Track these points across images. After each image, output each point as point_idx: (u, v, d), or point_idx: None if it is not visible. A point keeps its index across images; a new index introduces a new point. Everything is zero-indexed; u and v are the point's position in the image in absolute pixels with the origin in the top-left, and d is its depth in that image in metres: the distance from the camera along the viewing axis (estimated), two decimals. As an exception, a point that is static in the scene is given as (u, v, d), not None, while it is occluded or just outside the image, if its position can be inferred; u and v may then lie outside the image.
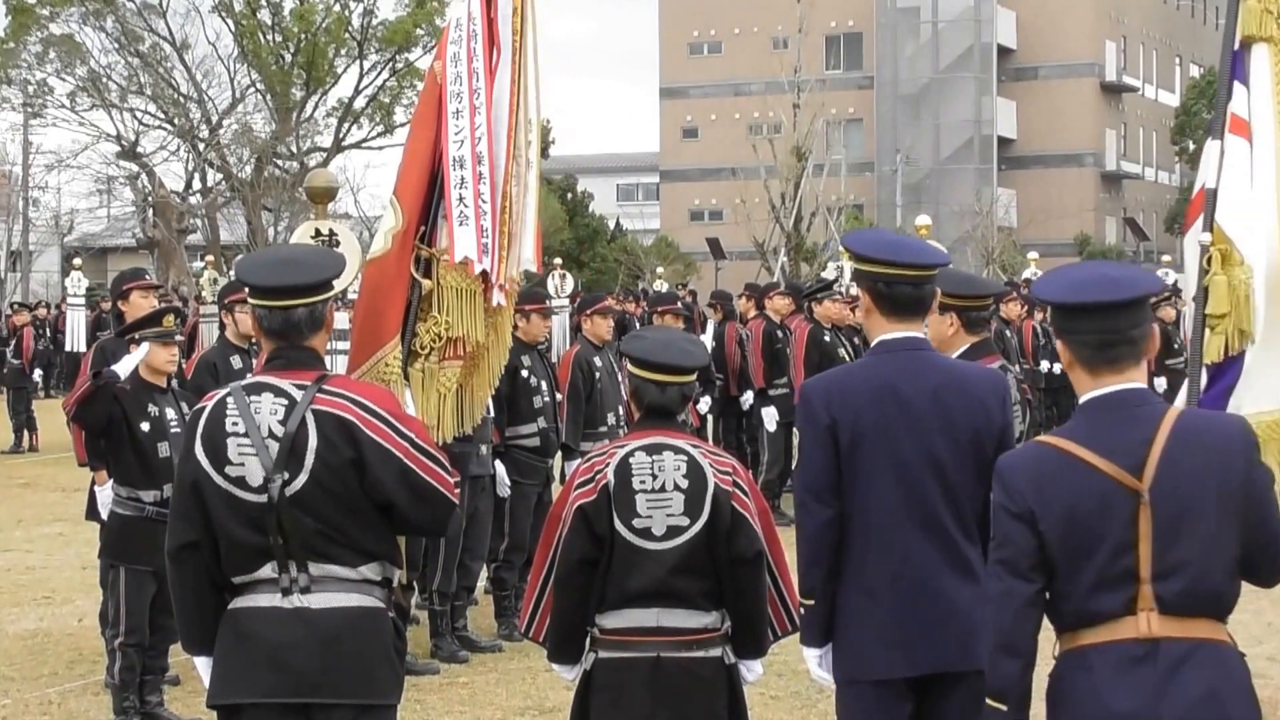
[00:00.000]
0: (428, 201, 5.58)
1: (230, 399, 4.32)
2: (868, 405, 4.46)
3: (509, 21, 5.48)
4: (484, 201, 5.43)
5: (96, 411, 7.32)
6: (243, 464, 4.23)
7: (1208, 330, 4.66)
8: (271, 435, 4.23)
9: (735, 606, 4.65)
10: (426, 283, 5.75)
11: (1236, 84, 4.56)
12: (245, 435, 4.24)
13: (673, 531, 4.55)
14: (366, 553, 4.28)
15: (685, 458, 4.61)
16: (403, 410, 4.47)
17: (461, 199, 5.43)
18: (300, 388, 4.26)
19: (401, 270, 5.66)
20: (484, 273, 5.65)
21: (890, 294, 4.53)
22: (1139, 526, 3.58)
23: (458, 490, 4.42)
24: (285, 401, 4.25)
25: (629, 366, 4.80)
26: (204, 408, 4.37)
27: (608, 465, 4.61)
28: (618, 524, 4.56)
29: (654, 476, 4.58)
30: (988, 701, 3.71)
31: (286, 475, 4.20)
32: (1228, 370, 4.31)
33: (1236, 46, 4.60)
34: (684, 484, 4.57)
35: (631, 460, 4.61)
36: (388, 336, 5.66)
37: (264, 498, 4.21)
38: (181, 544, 4.36)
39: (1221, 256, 4.44)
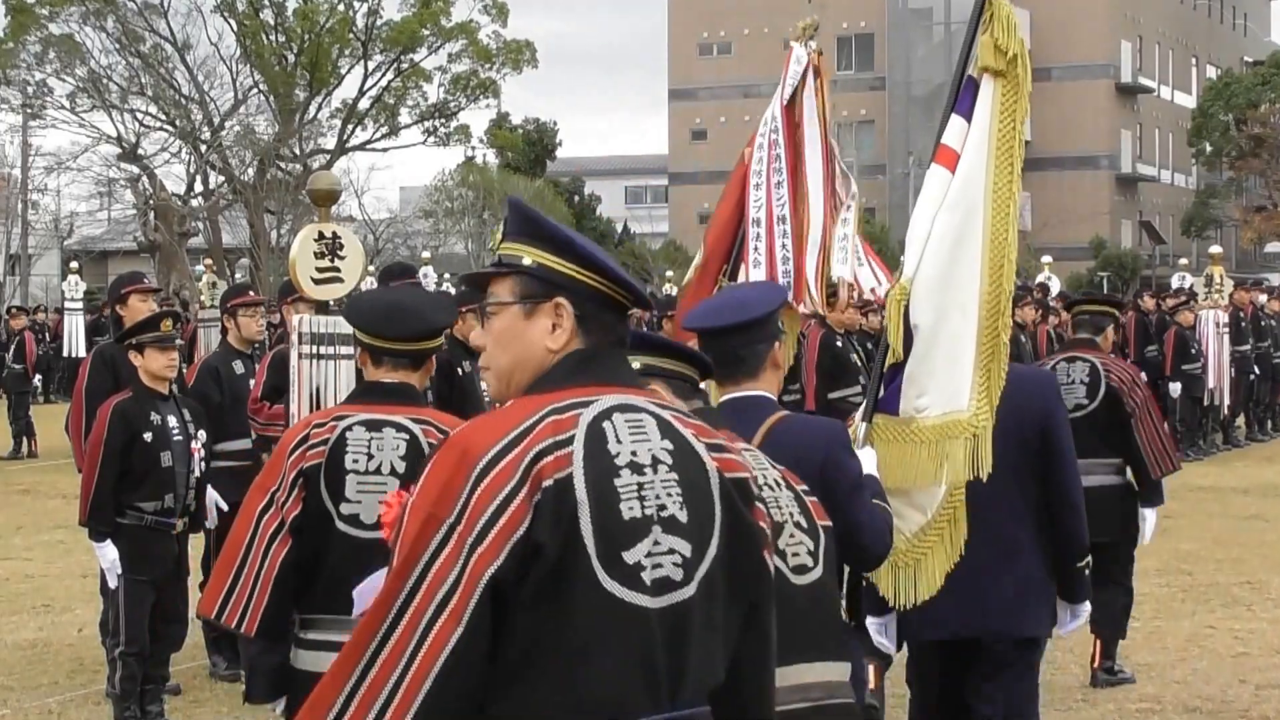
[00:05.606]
0: (729, 248, 7.27)
1: (349, 434, 4.46)
2: None
3: (815, 122, 7.20)
4: (783, 248, 7.11)
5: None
6: (359, 502, 4.42)
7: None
8: (393, 472, 4.41)
9: None
10: None
11: (955, 117, 4.94)
12: (368, 474, 4.42)
13: None
14: None
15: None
16: None
17: (756, 248, 7.17)
18: (418, 422, 4.51)
19: (702, 296, 6.88)
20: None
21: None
22: None
23: None
24: (406, 436, 4.49)
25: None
26: (328, 440, 4.45)
27: None
28: None
29: None
30: None
31: None
32: (894, 376, 4.74)
33: (964, 80, 4.98)
34: None
35: None
36: None
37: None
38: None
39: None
